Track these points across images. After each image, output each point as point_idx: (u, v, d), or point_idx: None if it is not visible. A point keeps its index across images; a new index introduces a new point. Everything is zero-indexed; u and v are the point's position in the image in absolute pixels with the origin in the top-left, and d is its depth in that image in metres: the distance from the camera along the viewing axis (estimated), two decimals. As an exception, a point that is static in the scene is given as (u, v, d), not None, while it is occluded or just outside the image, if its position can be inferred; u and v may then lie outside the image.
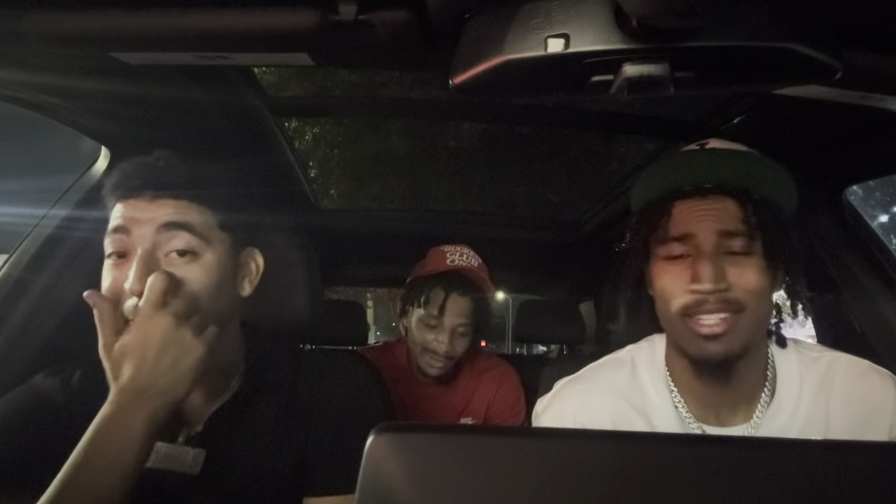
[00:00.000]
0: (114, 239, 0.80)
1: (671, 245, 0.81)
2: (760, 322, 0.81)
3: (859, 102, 0.84)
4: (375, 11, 0.66)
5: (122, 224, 0.79)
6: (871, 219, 1.64)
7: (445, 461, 0.39)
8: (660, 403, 0.87)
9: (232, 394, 0.87)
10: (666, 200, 0.82)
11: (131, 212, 0.80)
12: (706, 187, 0.80)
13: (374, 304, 14.18)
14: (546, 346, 5.64)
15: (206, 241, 0.81)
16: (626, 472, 0.38)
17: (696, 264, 0.78)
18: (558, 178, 6.33)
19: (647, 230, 0.83)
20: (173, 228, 0.79)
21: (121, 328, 0.74)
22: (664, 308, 0.82)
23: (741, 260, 0.78)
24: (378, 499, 0.38)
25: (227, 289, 0.84)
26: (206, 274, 0.80)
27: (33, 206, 1.32)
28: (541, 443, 0.42)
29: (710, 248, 0.78)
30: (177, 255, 0.79)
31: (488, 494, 0.38)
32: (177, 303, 0.74)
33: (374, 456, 0.38)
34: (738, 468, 0.38)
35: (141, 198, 0.80)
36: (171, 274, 0.76)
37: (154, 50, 0.77)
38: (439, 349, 1.48)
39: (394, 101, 3.07)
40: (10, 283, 1.14)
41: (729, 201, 0.79)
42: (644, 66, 0.55)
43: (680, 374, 0.88)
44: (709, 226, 0.78)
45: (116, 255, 0.79)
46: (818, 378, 0.84)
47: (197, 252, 0.80)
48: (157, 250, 0.78)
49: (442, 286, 1.48)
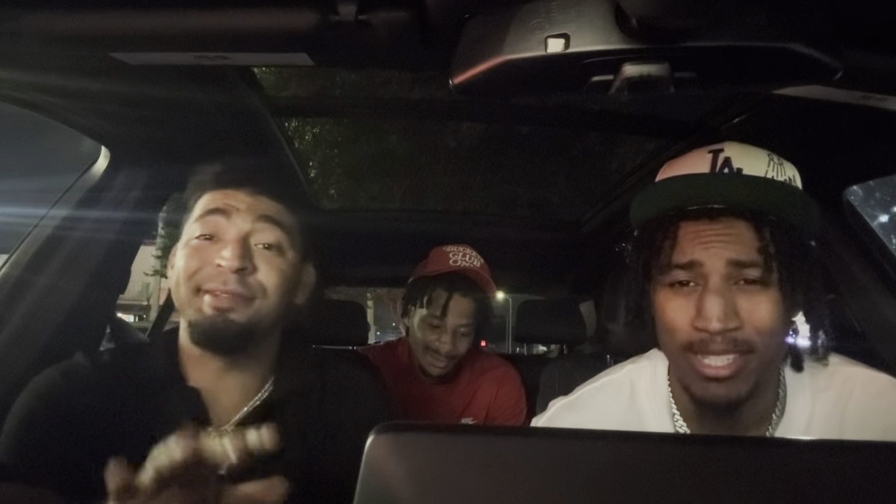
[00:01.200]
0: (208, 220, 0.83)
1: (675, 272, 0.71)
2: (773, 361, 0.72)
3: (859, 102, 0.84)
4: (375, 11, 0.66)
5: (221, 207, 0.83)
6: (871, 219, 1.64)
7: (445, 461, 0.39)
8: (659, 429, 0.80)
9: (263, 398, 0.87)
10: (669, 221, 0.72)
11: (230, 199, 0.84)
12: (716, 208, 0.70)
13: (374, 304, 14.18)
14: (546, 346, 5.64)
15: (291, 241, 0.86)
16: (626, 472, 0.38)
17: (703, 298, 0.68)
18: (558, 178, 6.33)
19: (647, 253, 0.74)
20: (269, 222, 0.84)
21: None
22: (667, 339, 0.73)
23: (755, 292, 0.68)
24: (378, 499, 0.38)
25: (291, 292, 0.88)
26: (285, 270, 0.85)
27: (33, 206, 1.32)
28: (541, 443, 0.42)
29: (719, 280, 0.68)
30: (264, 248, 0.83)
31: (488, 494, 0.38)
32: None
33: (374, 456, 0.38)
34: (738, 468, 0.38)
35: (242, 190, 0.85)
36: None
37: (154, 50, 0.77)
38: (441, 349, 1.48)
39: (394, 101, 3.08)
40: (10, 283, 1.14)
41: (742, 225, 0.69)
42: (644, 66, 0.55)
43: (682, 400, 0.80)
44: (718, 253, 0.68)
45: (205, 237, 0.82)
46: (832, 397, 0.76)
47: (283, 249, 0.85)
48: (251, 237, 0.83)
49: (444, 287, 1.49)
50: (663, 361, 0.84)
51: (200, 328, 0.80)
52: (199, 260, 0.81)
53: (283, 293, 0.85)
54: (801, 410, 0.76)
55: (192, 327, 0.81)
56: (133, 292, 20.55)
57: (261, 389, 0.88)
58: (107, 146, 1.24)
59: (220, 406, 0.85)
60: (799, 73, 0.61)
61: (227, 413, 0.85)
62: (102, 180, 1.25)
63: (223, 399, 0.85)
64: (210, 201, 0.85)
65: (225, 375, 0.85)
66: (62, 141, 1.51)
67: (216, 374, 0.85)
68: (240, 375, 0.86)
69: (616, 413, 0.83)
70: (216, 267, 0.80)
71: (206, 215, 0.83)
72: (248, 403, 0.86)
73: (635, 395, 0.84)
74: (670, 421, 0.81)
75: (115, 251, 1.25)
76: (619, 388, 0.85)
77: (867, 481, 0.37)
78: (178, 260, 0.83)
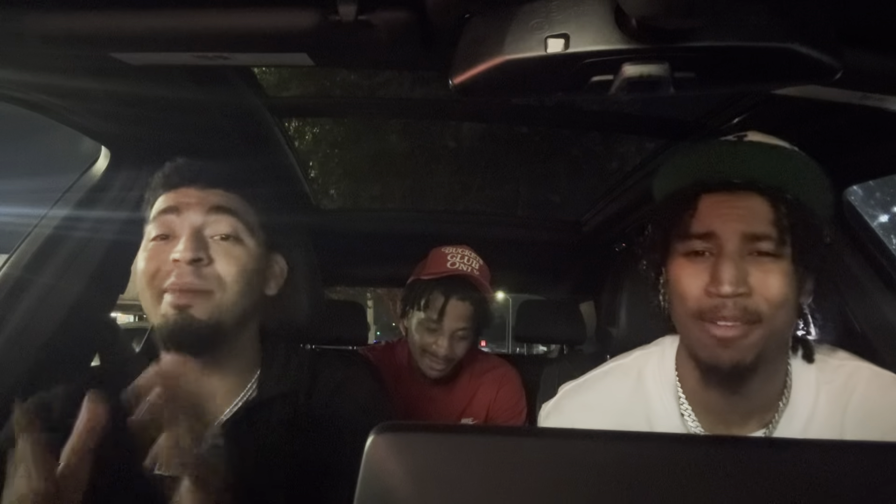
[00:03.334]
0: (162, 220, 0.82)
1: (692, 241, 0.75)
2: (779, 333, 0.75)
3: (859, 102, 0.84)
4: (375, 11, 0.66)
5: (172, 205, 0.83)
6: (871, 219, 1.64)
7: (445, 461, 0.39)
8: (664, 414, 0.83)
9: (245, 400, 0.86)
10: (690, 194, 0.76)
11: (182, 197, 0.83)
12: (735, 182, 0.74)
13: (374, 304, 14.18)
14: (546, 346, 5.64)
15: (249, 230, 0.85)
16: (626, 472, 0.38)
17: (716, 265, 0.72)
18: (558, 178, 6.33)
19: (667, 224, 0.78)
20: (222, 212, 0.83)
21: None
22: (679, 307, 0.77)
23: (767, 263, 0.72)
24: (378, 499, 0.38)
25: (257, 283, 0.86)
26: (245, 260, 0.83)
27: (33, 206, 1.32)
28: (541, 443, 0.42)
29: (734, 249, 0.72)
30: (220, 239, 0.82)
31: (488, 494, 0.38)
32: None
33: (374, 456, 0.38)
34: (738, 468, 0.38)
35: (192, 186, 0.84)
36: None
37: (154, 50, 0.77)
38: (439, 352, 1.48)
39: (394, 101, 3.08)
40: (10, 283, 1.14)
41: (759, 200, 0.73)
42: (644, 66, 0.55)
43: (690, 381, 0.83)
44: (734, 226, 0.72)
45: (161, 238, 0.82)
46: (836, 389, 0.78)
47: (240, 238, 0.83)
48: (204, 229, 0.82)
49: (441, 290, 1.48)
50: (671, 348, 0.87)
51: (165, 330, 0.78)
52: (156, 261, 0.80)
53: (245, 284, 0.83)
54: (806, 401, 0.79)
55: (159, 330, 0.80)
56: (133, 292, 20.46)
57: (244, 390, 0.87)
58: (107, 146, 1.24)
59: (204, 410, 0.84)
60: (799, 73, 0.61)
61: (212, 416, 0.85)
62: (102, 180, 1.25)
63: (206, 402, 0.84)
64: (162, 202, 0.84)
65: (203, 378, 0.83)
66: (62, 141, 1.51)
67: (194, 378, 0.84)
68: (220, 376, 0.84)
69: (622, 397, 0.86)
70: (173, 263, 0.78)
71: (159, 215, 0.83)
72: (230, 406, 0.85)
73: (642, 379, 0.87)
74: (675, 404, 0.83)
75: (115, 251, 1.25)
76: (627, 371, 0.89)
77: (869, 481, 0.37)
78: (139, 264, 0.82)
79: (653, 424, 0.83)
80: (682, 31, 0.53)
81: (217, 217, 0.82)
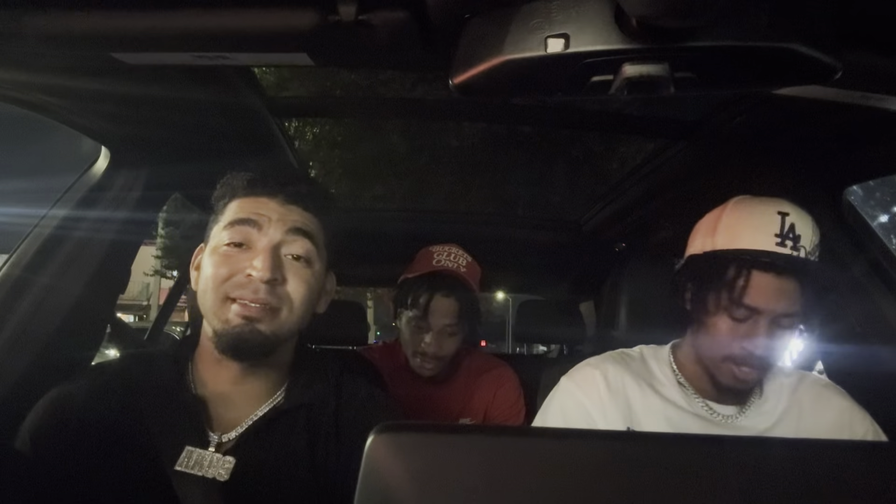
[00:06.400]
0: (239, 230, 0.83)
1: (739, 309, 0.89)
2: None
3: (859, 102, 0.84)
4: (375, 11, 0.66)
5: (251, 217, 0.83)
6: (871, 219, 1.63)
7: (445, 461, 0.39)
8: (666, 381, 1.02)
9: (271, 407, 0.87)
10: (744, 266, 0.88)
11: (262, 209, 0.84)
12: (784, 267, 0.87)
13: (374, 304, 14.18)
14: (546, 346, 5.64)
15: (318, 253, 0.86)
16: (625, 472, 0.38)
17: (755, 329, 0.89)
18: (558, 178, 6.33)
19: (719, 286, 0.90)
20: (299, 234, 0.84)
21: None
22: (710, 345, 0.94)
23: (784, 330, 0.90)
24: (378, 499, 0.38)
25: (314, 302, 0.88)
26: (312, 282, 0.85)
27: (33, 206, 1.32)
28: (541, 443, 0.42)
29: (770, 322, 0.89)
30: (293, 259, 0.83)
31: (488, 494, 0.38)
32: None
33: (374, 456, 0.38)
34: (737, 468, 0.38)
35: (273, 199, 0.84)
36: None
37: (154, 50, 0.77)
38: (427, 350, 1.48)
39: (394, 101, 3.07)
40: (10, 283, 1.14)
41: (794, 283, 0.88)
42: (644, 66, 0.55)
43: (689, 368, 1.01)
44: (776, 307, 0.88)
45: (235, 245, 0.82)
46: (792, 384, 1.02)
47: (311, 260, 0.85)
48: (281, 248, 0.83)
49: (426, 287, 1.48)
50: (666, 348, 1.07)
51: (227, 338, 0.80)
52: (228, 268, 0.80)
53: (309, 303, 0.85)
54: (775, 394, 1.01)
55: (219, 336, 0.81)
56: (133, 292, 20.49)
57: (273, 395, 0.88)
58: (107, 146, 1.24)
59: (232, 411, 0.85)
60: (799, 73, 0.61)
61: (238, 418, 0.85)
62: (102, 180, 1.25)
63: (237, 403, 0.85)
64: (240, 209, 0.84)
65: (241, 381, 0.85)
66: (62, 141, 1.51)
67: (233, 380, 0.85)
68: (255, 381, 0.86)
69: (631, 363, 1.04)
70: (247, 276, 0.79)
71: (236, 223, 0.83)
72: (255, 412, 0.86)
73: (644, 357, 1.07)
74: (672, 374, 1.03)
75: (115, 251, 1.25)
76: (630, 352, 1.08)
77: (868, 481, 0.37)
78: (207, 267, 0.83)
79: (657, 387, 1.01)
80: (682, 31, 0.53)
81: (294, 238, 0.83)
